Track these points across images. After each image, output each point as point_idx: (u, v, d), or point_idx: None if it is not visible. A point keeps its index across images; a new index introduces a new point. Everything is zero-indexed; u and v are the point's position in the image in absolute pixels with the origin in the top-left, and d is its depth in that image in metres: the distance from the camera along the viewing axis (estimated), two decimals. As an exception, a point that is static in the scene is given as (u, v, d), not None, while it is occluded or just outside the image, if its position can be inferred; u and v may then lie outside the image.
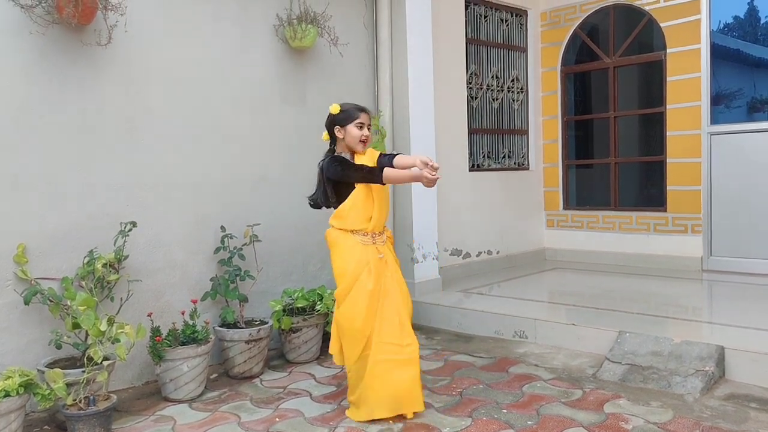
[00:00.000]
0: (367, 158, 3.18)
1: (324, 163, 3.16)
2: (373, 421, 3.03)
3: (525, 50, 6.73)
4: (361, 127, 3.14)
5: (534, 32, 6.78)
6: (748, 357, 3.38)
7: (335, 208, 3.16)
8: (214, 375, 3.85)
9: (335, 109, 3.16)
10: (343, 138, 3.16)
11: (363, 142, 3.16)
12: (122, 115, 3.65)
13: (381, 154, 3.23)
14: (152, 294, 3.76)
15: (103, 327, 3.02)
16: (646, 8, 6.03)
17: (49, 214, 3.37)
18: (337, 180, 3.11)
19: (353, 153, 3.19)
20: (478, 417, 3.05)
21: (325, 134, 3.25)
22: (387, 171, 3.02)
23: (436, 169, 2.92)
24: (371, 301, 3.03)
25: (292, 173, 4.47)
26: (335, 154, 3.19)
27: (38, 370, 3.07)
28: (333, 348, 3.24)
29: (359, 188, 3.10)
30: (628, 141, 6.85)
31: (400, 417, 3.06)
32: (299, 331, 4.01)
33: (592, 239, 6.56)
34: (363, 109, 3.19)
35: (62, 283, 3.32)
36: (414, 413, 3.07)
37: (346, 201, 3.11)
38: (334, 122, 3.17)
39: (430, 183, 2.94)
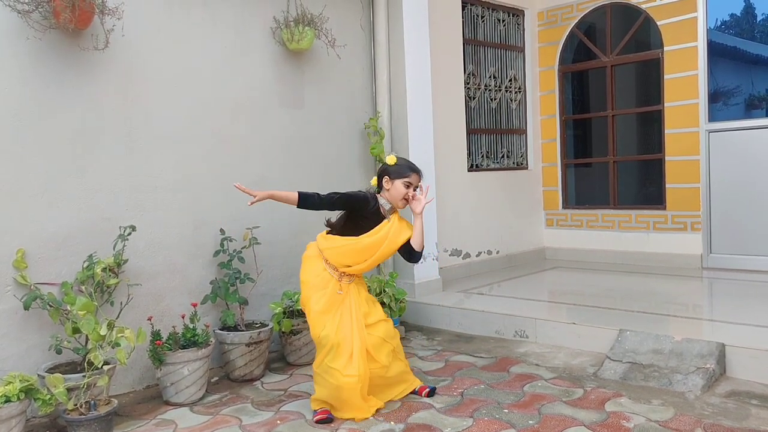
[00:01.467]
0: (400, 225, 3.27)
1: (362, 192, 3.31)
2: (374, 420, 3.04)
3: (522, 50, 6.73)
4: (408, 186, 3.24)
5: (531, 32, 6.78)
6: (749, 354, 3.38)
7: (334, 232, 3.29)
8: (215, 378, 3.85)
9: (391, 160, 3.29)
10: (389, 190, 3.26)
11: (405, 200, 3.25)
12: (120, 118, 3.65)
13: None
14: (152, 298, 3.75)
15: (103, 331, 3.02)
16: (643, 6, 6.04)
17: (48, 218, 3.37)
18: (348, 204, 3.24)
19: (393, 208, 3.31)
20: (480, 417, 3.04)
21: (374, 180, 3.38)
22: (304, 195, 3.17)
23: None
24: (318, 319, 3.16)
25: (290, 175, 4.47)
26: (374, 193, 3.31)
27: (39, 375, 3.06)
28: None
29: (358, 242, 3.19)
30: (626, 139, 6.85)
31: (401, 417, 3.07)
32: (300, 334, 4.01)
33: (591, 238, 6.56)
34: (416, 170, 3.28)
35: (62, 288, 3.32)
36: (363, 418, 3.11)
37: (342, 240, 3.22)
38: (385, 172, 3.29)
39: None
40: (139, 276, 3.67)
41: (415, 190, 3.27)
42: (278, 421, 3.12)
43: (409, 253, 3.31)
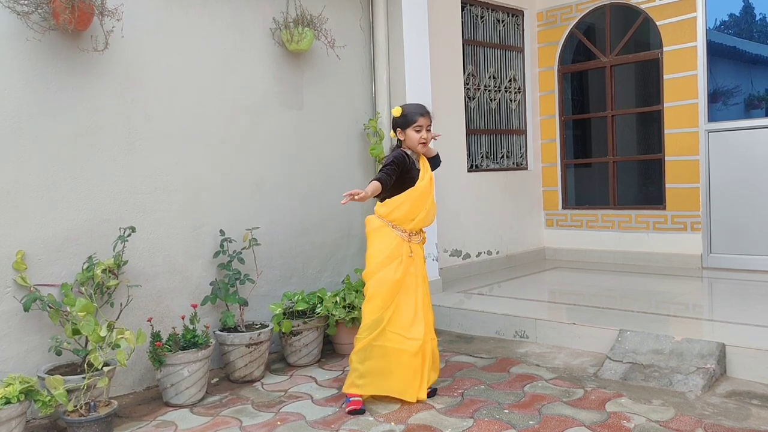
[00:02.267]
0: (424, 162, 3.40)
1: (389, 155, 3.34)
2: (374, 421, 3.04)
3: (522, 50, 6.73)
4: (419, 131, 3.29)
5: (530, 32, 6.78)
6: (749, 354, 3.38)
7: (387, 198, 3.29)
8: (215, 379, 3.85)
9: (397, 111, 3.33)
10: (404, 139, 3.33)
11: (422, 143, 3.31)
12: (120, 120, 3.65)
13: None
14: (152, 299, 3.75)
15: (103, 333, 3.02)
16: (642, 7, 6.04)
17: (48, 220, 3.37)
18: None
19: (418, 153, 3.37)
20: (480, 418, 3.04)
21: (392, 132, 3.41)
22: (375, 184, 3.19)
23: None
24: (392, 291, 3.19)
25: (290, 176, 4.47)
26: (401, 149, 3.35)
27: (38, 376, 3.06)
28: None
29: (416, 190, 3.28)
30: (626, 139, 6.86)
31: (402, 417, 3.07)
32: (300, 335, 4.00)
33: (591, 238, 6.56)
34: (422, 112, 3.31)
35: (62, 290, 3.31)
36: (416, 401, 3.23)
37: (400, 196, 3.26)
38: (395, 124, 3.34)
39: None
40: (138, 277, 3.66)
41: (428, 131, 3.33)
42: (278, 423, 3.12)
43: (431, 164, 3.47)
